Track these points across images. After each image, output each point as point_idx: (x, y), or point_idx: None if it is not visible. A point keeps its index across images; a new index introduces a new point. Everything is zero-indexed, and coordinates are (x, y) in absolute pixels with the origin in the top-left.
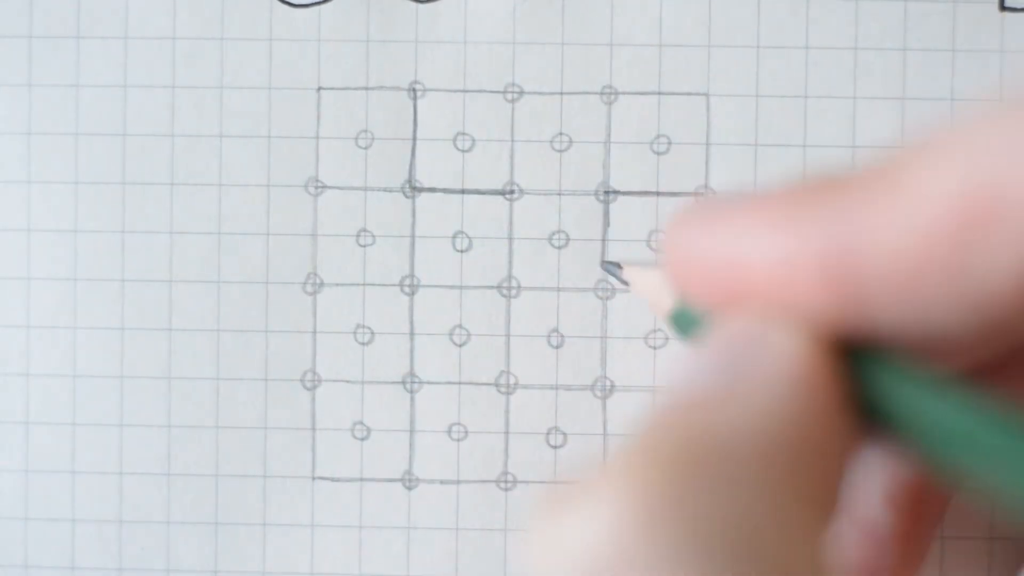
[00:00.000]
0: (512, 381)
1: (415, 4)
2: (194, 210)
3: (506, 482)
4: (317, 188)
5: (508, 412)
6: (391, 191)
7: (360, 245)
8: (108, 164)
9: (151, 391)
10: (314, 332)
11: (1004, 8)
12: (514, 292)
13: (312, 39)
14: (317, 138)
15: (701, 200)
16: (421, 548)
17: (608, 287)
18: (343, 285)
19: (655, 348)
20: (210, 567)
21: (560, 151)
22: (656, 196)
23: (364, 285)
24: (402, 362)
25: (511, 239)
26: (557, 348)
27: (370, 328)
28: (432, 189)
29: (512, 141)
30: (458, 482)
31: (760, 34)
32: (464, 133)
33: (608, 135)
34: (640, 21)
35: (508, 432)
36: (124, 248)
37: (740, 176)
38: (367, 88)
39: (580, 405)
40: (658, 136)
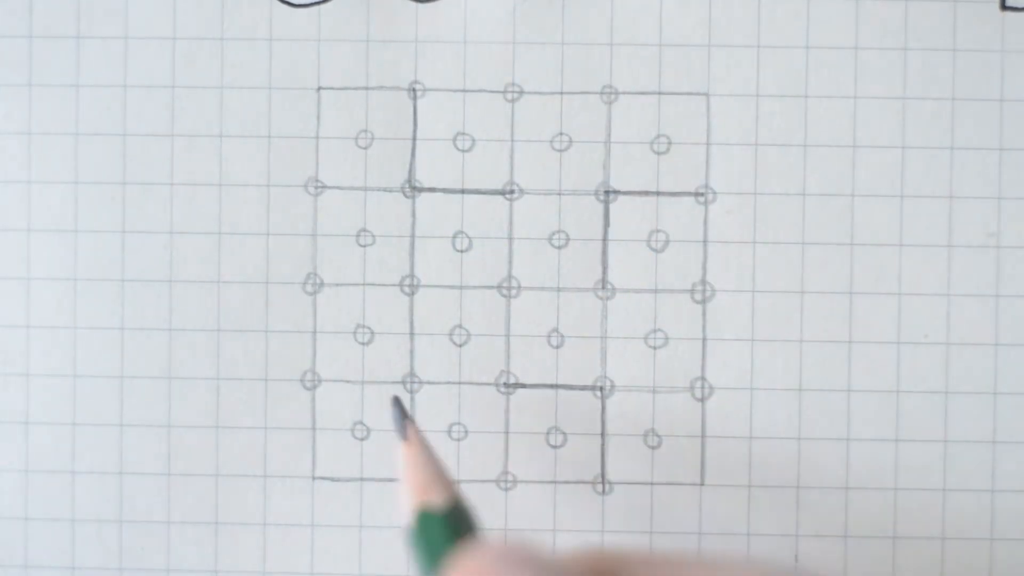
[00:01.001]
0: (512, 381)
1: (415, 4)
2: (194, 210)
3: (506, 482)
4: (317, 188)
5: (508, 412)
6: (391, 191)
7: (360, 245)
8: (108, 164)
9: (151, 391)
10: (314, 332)
11: (1005, 8)
12: (514, 292)
13: (312, 39)
14: (317, 138)
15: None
16: None
17: (609, 287)
18: (343, 285)
19: (655, 348)
20: (210, 567)
21: (560, 151)
22: (656, 196)
23: (364, 285)
24: (402, 362)
25: (511, 239)
26: (557, 348)
27: (370, 328)
28: (432, 189)
29: (512, 141)
30: (458, 482)
31: (760, 34)
32: (464, 133)
33: (608, 135)
34: (640, 21)
35: (508, 432)
36: (124, 248)
37: (740, 176)
38: (367, 88)
39: (580, 405)
40: (658, 136)
